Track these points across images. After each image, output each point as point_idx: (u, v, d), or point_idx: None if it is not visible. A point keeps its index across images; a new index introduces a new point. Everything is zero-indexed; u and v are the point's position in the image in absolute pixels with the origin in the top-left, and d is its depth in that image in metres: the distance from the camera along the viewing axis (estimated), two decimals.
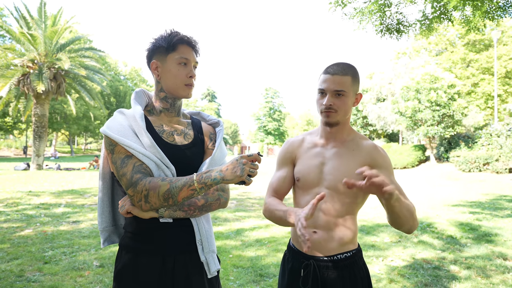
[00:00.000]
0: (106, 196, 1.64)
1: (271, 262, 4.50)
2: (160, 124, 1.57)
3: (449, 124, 21.45)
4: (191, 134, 1.62)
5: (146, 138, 1.44)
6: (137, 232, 1.49)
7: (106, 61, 50.57)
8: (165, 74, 1.52)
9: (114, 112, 1.58)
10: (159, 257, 1.46)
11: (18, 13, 20.30)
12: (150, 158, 1.42)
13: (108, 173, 1.62)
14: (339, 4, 6.23)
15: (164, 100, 1.57)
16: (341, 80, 1.56)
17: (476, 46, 34.03)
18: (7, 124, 39.43)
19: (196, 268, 1.51)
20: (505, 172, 17.46)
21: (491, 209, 8.53)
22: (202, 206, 1.49)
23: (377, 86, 31.84)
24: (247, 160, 1.33)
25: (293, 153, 1.75)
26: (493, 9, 5.55)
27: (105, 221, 1.65)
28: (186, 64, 1.52)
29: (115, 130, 1.44)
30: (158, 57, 1.52)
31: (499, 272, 4.23)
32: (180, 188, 1.35)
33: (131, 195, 1.38)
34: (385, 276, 4.09)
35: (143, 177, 1.38)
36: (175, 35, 1.51)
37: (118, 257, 1.54)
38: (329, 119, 1.59)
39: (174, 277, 1.46)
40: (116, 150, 1.43)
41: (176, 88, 1.53)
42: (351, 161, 1.59)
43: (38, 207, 8.09)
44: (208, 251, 1.54)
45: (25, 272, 4.03)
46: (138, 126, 1.46)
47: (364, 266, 1.65)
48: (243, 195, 10.94)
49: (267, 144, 62.61)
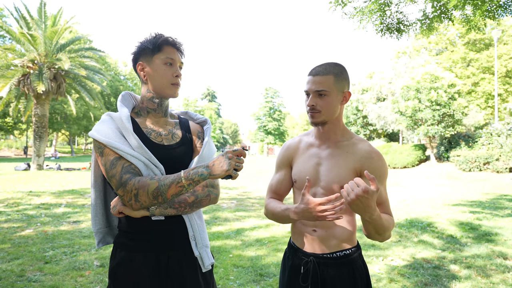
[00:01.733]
0: (99, 198, 1.67)
1: (271, 262, 4.50)
2: (147, 126, 1.60)
3: (450, 124, 21.41)
4: (179, 133, 1.66)
5: (134, 139, 1.47)
6: (131, 231, 1.52)
7: (106, 61, 50.52)
8: (151, 74, 1.56)
9: (102, 115, 1.60)
10: (153, 254, 1.50)
11: (18, 14, 20.30)
12: (138, 159, 1.45)
13: (99, 176, 1.66)
14: (339, 3, 6.22)
15: (151, 100, 1.60)
16: (321, 80, 1.58)
17: (477, 45, 34.01)
18: (7, 125, 39.45)
19: (190, 263, 1.55)
20: (506, 171, 17.44)
21: (492, 209, 8.53)
22: (192, 202, 1.52)
23: (377, 85, 31.82)
24: (232, 154, 1.36)
25: (290, 156, 1.79)
26: (494, 8, 5.53)
27: (99, 222, 1.68)
28: (172, 64, 1.56)
29: (103, 133, 1.48)
30: (144, 59, 1.56)
31: (499, 271, 4.24)
32: (169, 186, 1.38)
33: (122, 195, 1.41)
34: (385, 275, 4.09)
35: (132, 177, 1.40)
36: (159, 37, 1.55)
37: (113, 255, 1.56)
38: (314, 120, 1.62)
39: (168, 273, 1.49)
40: (105, 153, 1.46)
41: (163, 88, 1.56)
42: (344, 164, 1.61)
43: (38, 207, 8.09)
44: (202, 246, 1.57)
45: (26, 272, 4.04)
46: (125, 128, 1.49)
47: (364, 264, 1.66)
48: (243, 195, 10.94)
49: (267, 144, 62.62)
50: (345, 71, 1.63)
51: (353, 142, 1.66)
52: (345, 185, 1.35)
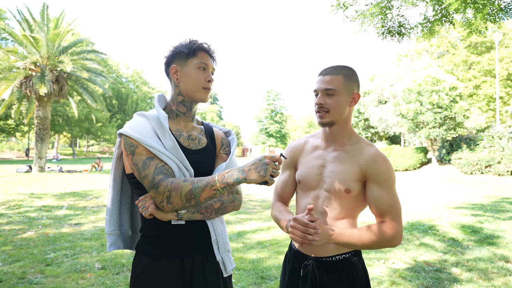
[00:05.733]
0: (116, 198, 1.65)
1: (273, 265, 4.50)
2: (177, 129, 1.60)
3: (451, 126, 21.39)
4: (204, 139, 1.66)
5: (170, 141, 1.47)
6: (156, 236, 1.51)
7: (108, 63, 50.70)
8: (184, 78, 1.56)
9: (133, 114, 1.61)
10: (178, 259, 1.49)
11: (20, 16, 20.37)
12: (173, 160, 1.45)
13: (119, 175, 1.64)
14: (340, 6, 6.25)
15: (181, 103, 1.61)
16: (331, 79, 1.58)
17: (478, 48, 34.02)
18: (9, 127, 39.52)
19: (212, 268, 1.54)
20: (507, 174, 17.41)
21: (493, 212, 8.51)
22: (218, 208, 1.53)
23: (378, 88, 31.79)
24: (270, 160, 1.34)
25: (295, 157, 1.79)
26: (495, 11, 5.55)
27: (113, 224, 1.65)
28: (205, 69, 1.57)
29: (137, 131, 1.47)
30: (178, 62, 1.57)
31: (501, 274, 4.23)
32: (203, 189, 1.36)
33: (154, 196, 1.39)
34: (387, 278, 4.09)
35: (164, 178, 1.39)
36: (195, 42, 1.57)
37: (136, 261, 1.54)
38: (322, 120, 1.62)
39: (192, 278, 1.49)
40: (137, 152, 1.44)
41: (195, 91, 1.57)
42: (350, 166, 1.60)
43: (40, 209, 8.11)
44: (224, 250, 1.58)
45: (27, 274, 4.04)
46: (162, 128, 1.49)
47: (363, 269, 1.66)
48: (245, 198, 10.94)
49: (269, 146, 62.63)
50: (355, 73, 1.63)
51: (360, 146, 1.64)
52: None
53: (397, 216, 1.56)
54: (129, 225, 1.72)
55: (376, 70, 34.71)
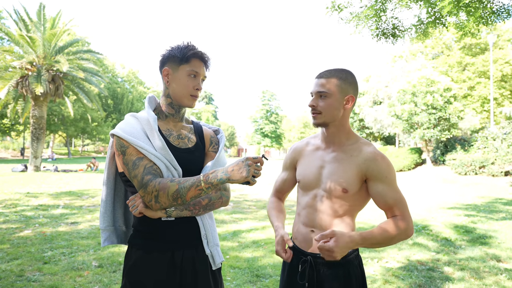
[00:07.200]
0: (109, 195, 1.72)
1: (268, 263, 4.56)
2: (167, 128, 1.66)
3: (445, 127, 21.52)
4: (194, 138, 1.72)
5: (158, 141, 1.52)
6: (147, 230, 1.57)
7: (104, 63, 50.60)
8: (174, 82, 1.61)
9: (125, 115, 1.66)
10: (169, 253, 1.55)
11: (17, 16, 20.30)
12: (161, 160, 1.51)
13: (112, 173, 1.71)
14: (335, 8, 6.31)
15: (170, 106, 1.66)
16: (324, 82, 1.64)
17: (472, 49, 34.21)
18: (5, 126, 39.29)
19: (201, 261, 1.61)
20: (501, 175, 17.55)
21: (486, 212, 8.61)
22: (206, 205, 1.59)
23: (373, 89, 31.94)
24: (252, 161, 1.40)
25: (295, 158, 1.88)
26: (487, 14, 5.63)
27: (107, 220, 1.72)
28: (195, 77, 1.61)
29: (128, 132, 1.52)
30: (171, 65, 1.61)
31: (493, 273, 4.31)
32: (188, 188, 1.42)
33: (142, 195, 1.46)
34: (380, 277, 4.16)
35: (153, 178, 1.45)
36: (190, 49, 1.59)
37: (128, 254, 1.61)
38: (314, 121, 1.68)
39: (182, 270, 1.55)
40: (128, 152, 1.50)
41: (182, 97, 1.62)
42: (348, 167, 1.64)
43: (36, 208, 8.12)
44: (213, 244, 1.64)
45: (25, 272, 4.08)
46: (151, 129, 1.54)
47: (360, 266, 1.70)
48: (240, 197, 10.98)
49: (264, 146, 62.64)
50: (351, 76, 1.67)
51: (358, 146, 1.69)
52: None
53: (405, 207, 1.60)
54: (123, 221, 1.79)
55: (371, 71, 34.83)
